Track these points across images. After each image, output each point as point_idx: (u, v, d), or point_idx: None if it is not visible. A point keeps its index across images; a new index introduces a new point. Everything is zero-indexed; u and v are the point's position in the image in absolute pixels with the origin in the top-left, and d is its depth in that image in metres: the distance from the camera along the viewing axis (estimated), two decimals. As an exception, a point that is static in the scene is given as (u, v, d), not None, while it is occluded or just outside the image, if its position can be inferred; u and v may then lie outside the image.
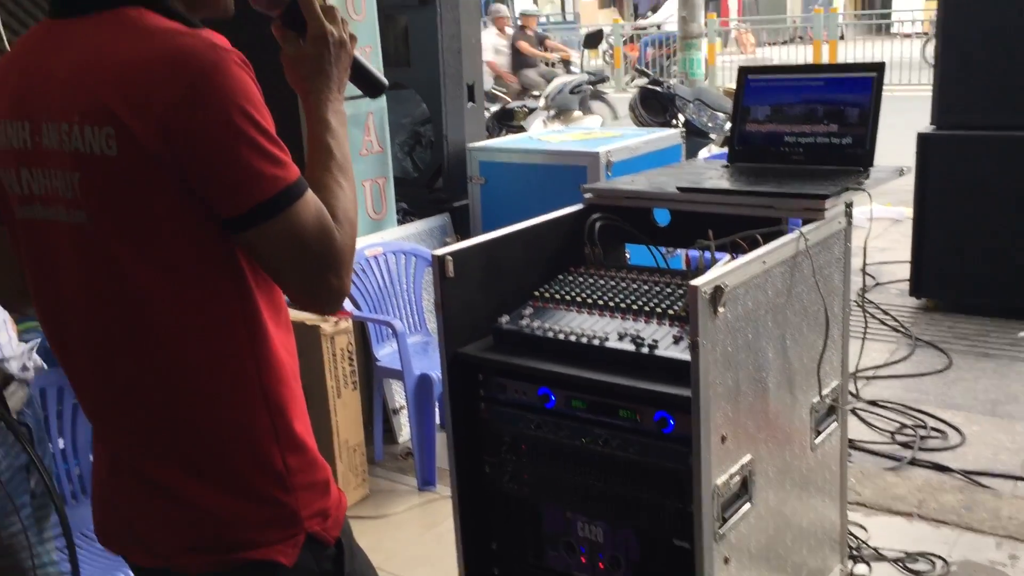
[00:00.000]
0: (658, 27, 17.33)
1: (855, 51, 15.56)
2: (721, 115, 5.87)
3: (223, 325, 1.23)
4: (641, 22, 20.38)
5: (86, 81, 1.16)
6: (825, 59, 15.34)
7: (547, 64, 10.20)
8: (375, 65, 3.76)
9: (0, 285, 1.43)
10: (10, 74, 1.26)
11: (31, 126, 1.21)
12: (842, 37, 16.74)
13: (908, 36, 16.93)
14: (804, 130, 2.26)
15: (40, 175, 1.22)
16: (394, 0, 4.24)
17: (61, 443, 2.48)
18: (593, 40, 8.73)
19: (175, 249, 1.19)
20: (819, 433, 2.11)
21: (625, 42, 17.67)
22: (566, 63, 10.08)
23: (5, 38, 2.93)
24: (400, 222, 4.13)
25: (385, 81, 1.49)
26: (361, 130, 3.76)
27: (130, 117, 1.12)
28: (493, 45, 9.40)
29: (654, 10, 14.13)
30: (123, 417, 1.30)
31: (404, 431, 3.79)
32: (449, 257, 1.90)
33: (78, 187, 1.18)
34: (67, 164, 1.18)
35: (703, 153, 5.57)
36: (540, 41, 10.54)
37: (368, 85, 1.47)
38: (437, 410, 3.37)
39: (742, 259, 1.75)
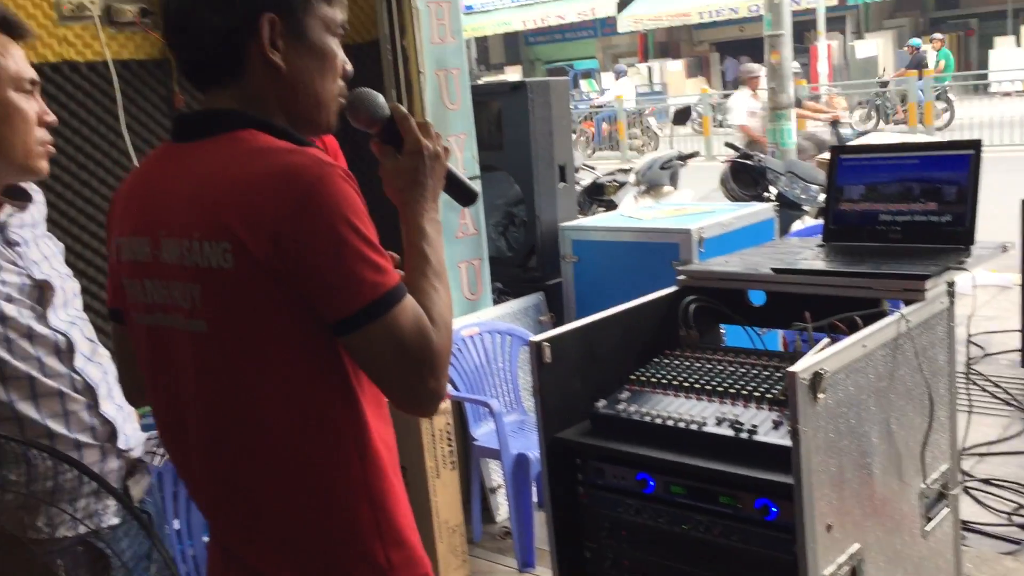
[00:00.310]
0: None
1: (952, 111, 15.27)
2: (814, 187, 5.81)
3: (329, 424, 1.30)
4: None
5: (204, 200, 1.25)
6: (920, 122, 15.07)
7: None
8: (470, 150, 3.89)
9: (123, 380, 1.54)
10: (136, 193, 1.38)
11: (152, 241, 1.31)
12: (938, 98, 16.44)
13: (1008, 95, 16.53)
14: (901, 208, 2.23)
15: (161, 286, 1.32)
16: (487, 88, 4.39)
17: (176, 524, 2.58)
18: (682, 117, 8.78)
19: (285, 353, 1.26)
20: (930, 519, 2.04)
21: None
22: (835, 123, 9.40)
23: (135, 158, 3.15)
24: (495, 302, 4.19)
25: (476, 191, 1.57)
26: (456, 213, 3.86)
27: (244, 232, 1.21)
28: (747, 108, 8.54)
29: (735, 82, 13.99)
30: (232, 512, 1.37)
31: (502, 510, 3.79)
32: (546, 343, 1.93)
33: (198, 298, 1.27)
34: (187, 277, 1.27)
35: (797, 225, 5.52)
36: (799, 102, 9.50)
37: (460, 194, 1.55)
38: (534, 489, 3.38)
39: (841, 343, 1.73)
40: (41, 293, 1.61)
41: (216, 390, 1.30)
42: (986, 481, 3.71)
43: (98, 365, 1.69)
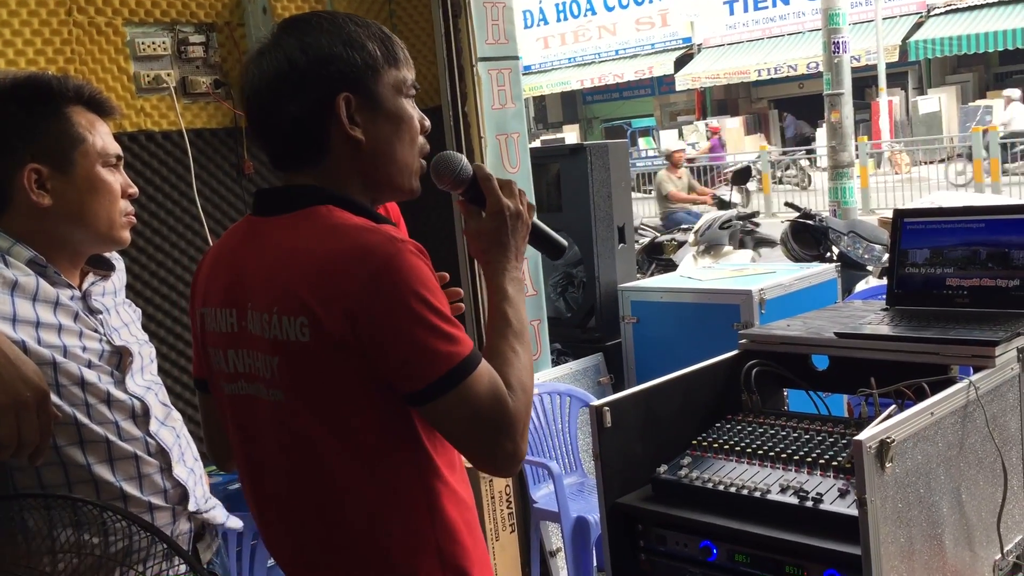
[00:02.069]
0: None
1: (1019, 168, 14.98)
2: (878, 247, 5.74)
3: (403, 490, 1.32)
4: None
5: (282, 276, 1.30)
6: (987, 177, 14.80)
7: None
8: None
9: (211, 446, 1.59)
10: (219, 265, 1.43)
11: (237, 312, 1.36)
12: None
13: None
14: (967, 273, 2.20)
15: (244, 356, 1.36)
16: (546, 150, 4.46)
17: (239, 584, 2.61)
18: (742, 177, 8.78)
19: (359, 422, 1.30)
20: (1005, 593, 1.98)
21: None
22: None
23: (206, 223, 3.26)
24: (554, 363, 4.20)
25: (564, 243, 1.59)
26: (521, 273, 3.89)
27: (319, 307, 1.25)
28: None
29: (795, 139, 14.02)
30: (308, 571, 1.39)
31: (562, 574, 3.75)
32: (607, 407, 1.93)
33: (276, 369, 1.31)
34: (267, 349, 1.32)
35: (861, 286, 5.45)
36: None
37: (549, 248, 1.57)
38: (595, 553, 3.34)
39: (909, 411, 1.71)
40: (120, 359, 1.68)
41: (293, 457, 1.35)
42: (1065, 551, 3.56)
43: (171, 429, 1.74)
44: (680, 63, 27.79)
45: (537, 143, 13.58)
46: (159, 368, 1.87)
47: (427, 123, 1.45)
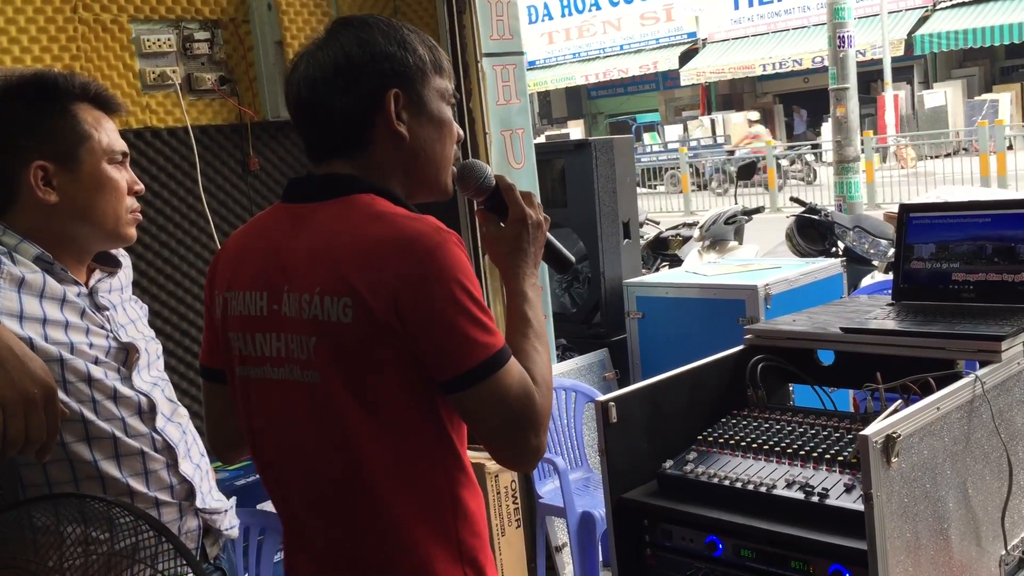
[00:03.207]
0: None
1: (1025, 162, 14.93)
2: (884, 242, 5.72)
3: (428, 476, 1.36)
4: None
5: (327, 257, 1.32)
6: (993, 172, 14.76)
7: None
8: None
9: (214, 437, 1.60)
10: (249, 251, 1.45)
11: (269, 295, 1.38)
12: (1010, 147, 16.10)
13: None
14: (973, 267, 2.20)
15: (273, 339, 1.38)
16: (551, 146, 4.46)
17: (246, 579, 2.62)
18: (747, 172, 8.77)
19: (393, 405, 1.33)
20: (1011, 587, 1.98)
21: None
22: None
23: (211, 220, 3.27)
24: (560, 358, 4.21)
25: (572, 258, 1.64)
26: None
27: (366, 290, 1.28)
28: None
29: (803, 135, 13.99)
30: (329, 556, 1.40)
31: (567, 569, 3.76)
32: (612, 403, 1.94)
33: (312, 350, 1.33)
34: (305, 329, 1.34)
35: (866, 280, 5.43)
36: None
37: (557, 262, 1.63)
38: (600, 548, 3.35)
39: (915, 405, 1.70)
40: (127, 355, 1.68)
41: (324, 438, 1.36)
42: (1072, 546, 3.56)
43: (177, 425, 1.74)
44: (685, 58, 27.75)
45: (542, 139, 13.60)
46: (165, 364, 1.88)
47: (462, 134, 1.52)
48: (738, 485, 1.86)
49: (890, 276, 2.85)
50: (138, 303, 1.85)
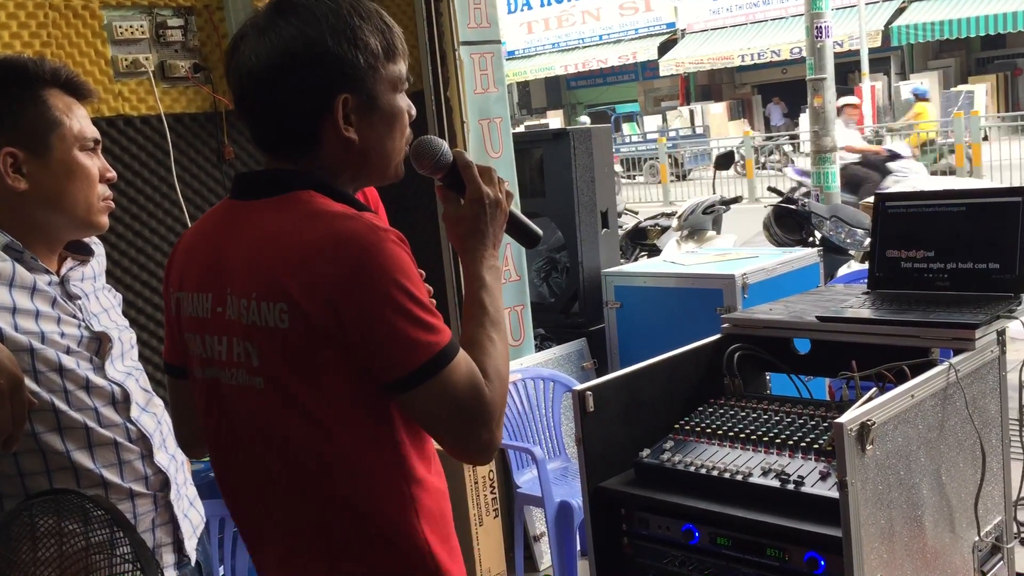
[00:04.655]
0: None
1: (1000, 152, 15.04)
2: (860, 231, 5.76)
3: (383, 475, 1.32)
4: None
5: (261, 261, 1.28)
6: (968, 162, 14.87)
7: None
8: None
9: (180, 433, 1.58)
10: (196, 249, 1.42)
11: (214, 297, 1.35)
12: (985, 138, 16.22)
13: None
14: (948, 256, 2.21)
15: (217, 342, 1.35)
16: (529, 135, 4.44)
17: (222, 570, 2.60)
18: (724, 162, 8.78)
19: (339, 408, 1.29)
20: (984, 573, 1.99)
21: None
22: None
23: (186, 209, 3.24)
24: (538, 348, 4.20)
25: (540, 232, 1.58)
26: (499, 260, 3.89)
27: (300, 294, 1.24)
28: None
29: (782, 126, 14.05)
30: (285, 560, 1.39)
31: (545, 558, 3.76)
32: (589, 392, 1.94)
33: (255, 356, 1.30)
34: (245, 335, 1.30)
35: (843, 270, 5.47)
36: None
37: (524, 237, 1.56)
38: (578, 538, 3.35)
39: (890, 393, 1.72)
40: (99, 345, 1.66)
41: (271, 443, 1.34)
42: (1043, 532, 3.60)
43: (152, 415, 1.72)
44: (664, 48, 27.76)
45: (521, 129, 13.56)
46: (140, 354, 1.86)
47: (414, 111, 1.44)
48: (714, 473, 1.87)
49: (866, 265, 2.86)
50: (111, 292, 1.82)
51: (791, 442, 1.87)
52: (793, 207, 6.34)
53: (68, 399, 1.59)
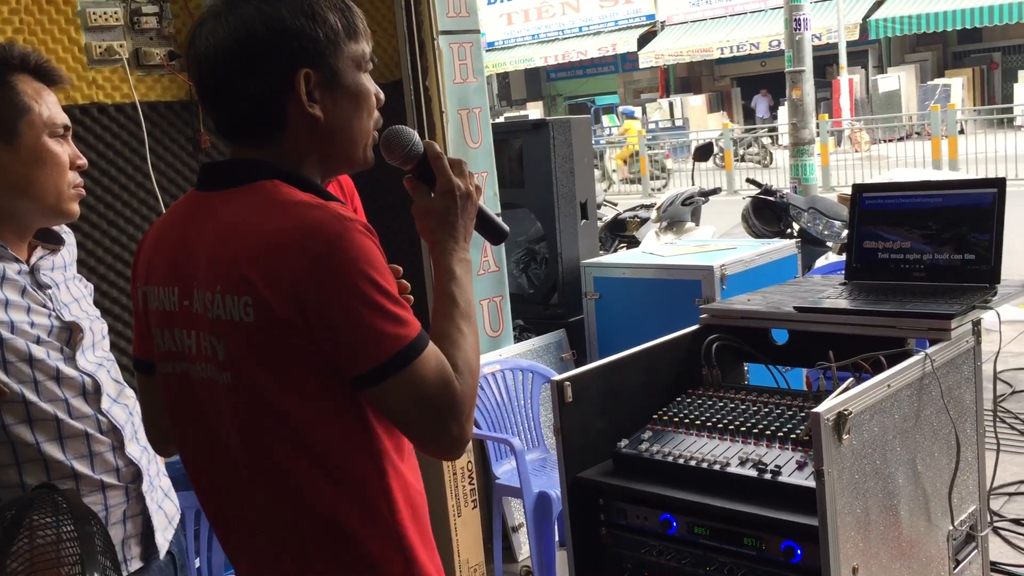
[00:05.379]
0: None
1: (975, 145, 15.18)
2: (837, 223, 5.79)
3: (354, 467, 1.30)
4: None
5: (225, 254, 1.26)
6: (945, 155, 14.99)
7: None
8: (491, 188, 3.91)
9: (150, 430, 1.55)
10: (163, 242, 1.39)
11: (180, 291, 1.32)
12: (961, 131, 16.36)
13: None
14: (924, 247, 2.23)
15: (185, 336, 1.33)
16: (508, 126, 4.43)
17: (198, 562, 2.58)
18: (703, 153, 8.79)
19: (307, 402, 1.27)
20: (959, 562, 2.01)
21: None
22: None
23: (161, 198, 3.20)
24: (517, 339, 4.19)
25: (507, 229, 1.56)
26: (479, 250, 3.88)
27: (264, 287, 1.21)
28: None
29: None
30: (261, 557, 1.37)
31: (524, 549, 3.76)
32: (568, 382, 1.93)
33: (222, 350, 1.27)
34: (211, 329, 1.28)
35: (820, 261, 5.50)
36: None
37: (491, 233, 1.54)
38: (556, 528, 3.35)
39: (866, 383, 1.72)
40: (70, 335, 1.64)
41: (244, 438, 1.31)
42: (1016, 521, 3.65)
43: (124, 406, 1.70)
44: (643, 40, 27.79)
45: (502, 120, 13.54)
46: (112, 345, 1.83)
47: (382, 96, 1.41)
48: (692, 463, 1.87)
49: (844, 256, 2.87)
50: (83, 282, 1.80)
51: (768, 432, 1.88)
52: (771, 199, 6.36)
53: (38, 390, 1.57)
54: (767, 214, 6.36)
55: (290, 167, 1.32)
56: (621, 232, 7.53)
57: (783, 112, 17.93)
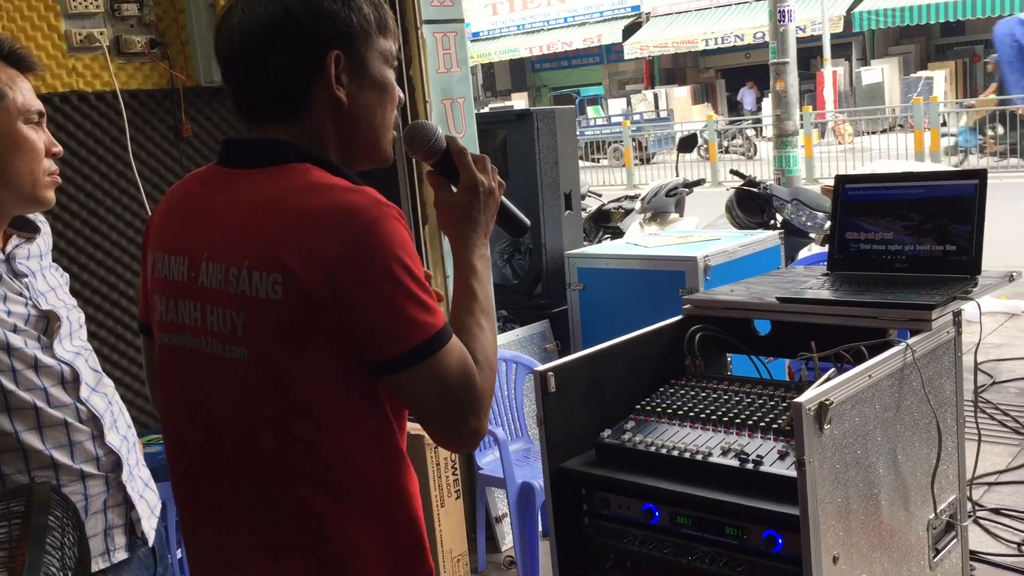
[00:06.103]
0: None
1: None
2: (820, 215, 5.81)
3: (360, 459, 1.30)
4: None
5: (256, 230, 1.25)
6: (927, 147, 15.08)
7: None
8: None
9: (155, 391, 1.53)
10: (176, 212, 1.38)
11: (189, 262, 1.31)
12: (944, 124, 16.45)
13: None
14: (906, 238, 2.23)
15: (191, 308, 1.32)
16: (492, 116, 4.41)
17: (179, 553, 2.57)
18: (687, 144, 8.79)
19: (325, 385, 1.26)
20: (939, 551, 2.02)
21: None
22: None
23: (142, 187, 3.17)
24: (501, 330, 4.19)
25: (528, 222, 1.57)
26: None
27: (298, 266, 1.21)
28: None
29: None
30: (240, 536, 1.35)
31: (507, 539, 3.77)
32: (551, 373, 1.93)
33: (240, 326, 1.26)
34: (230, 303, 1.27)
35: (803, 252, 5.51)
36: None
37: (513, 227, 1.55)
38: (540, 518, 3.36)
39: (847, 373, 1.73)
40: (47, 324, 1.62)
41: (247, 416, 1.30)
42: (995, 511, 3.68)
43: (103, 395, 1.69)
44: (628, 31, 27.78)
45: (486, 110, 13.51)
46: (91, 334, 1.82)
47: (403, 97, 1.43)
48: (675, 453, 1.87)
49: (826, 248, 2.88)
50: (58, 270, 1.78)
51: (751, 422, 1.88)
52: (755, 190, 6.36)
53: (16, 379, 1.55)
54: (751, 205, 6.37)
55: (316, 151, 1.32)
56: (605, 223, 7.52)
57: (767, 104, 17.97)
